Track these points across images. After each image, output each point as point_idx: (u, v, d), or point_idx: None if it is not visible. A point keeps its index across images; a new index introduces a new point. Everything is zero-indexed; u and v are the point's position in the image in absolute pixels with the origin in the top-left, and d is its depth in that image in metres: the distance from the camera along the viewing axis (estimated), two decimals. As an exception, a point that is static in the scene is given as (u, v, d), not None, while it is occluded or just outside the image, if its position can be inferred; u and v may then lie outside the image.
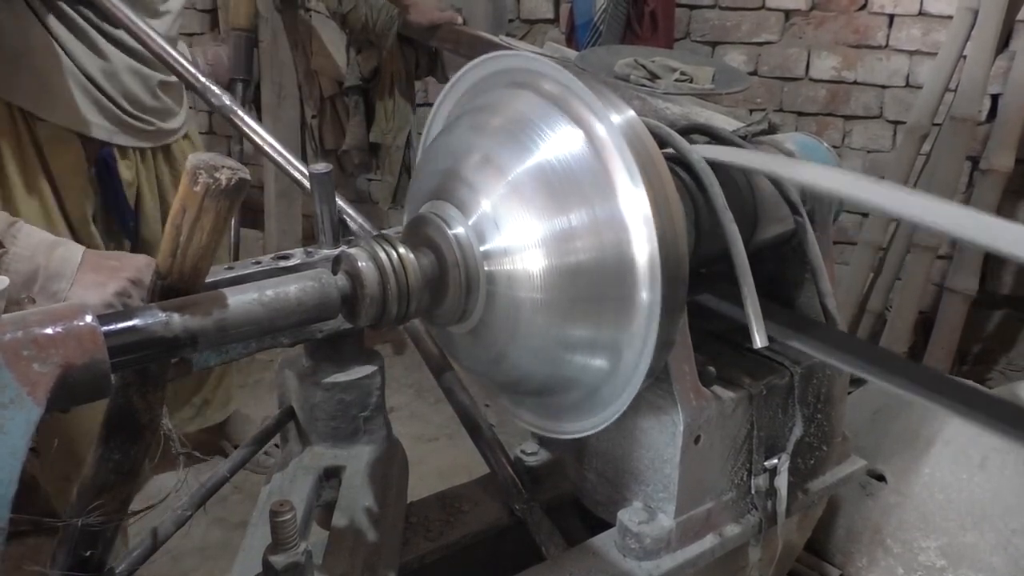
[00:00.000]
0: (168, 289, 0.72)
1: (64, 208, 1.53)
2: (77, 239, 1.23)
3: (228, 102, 1.31)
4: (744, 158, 0.89)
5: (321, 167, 0.80)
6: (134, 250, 1.69)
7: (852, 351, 0.86)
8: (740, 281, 0.86)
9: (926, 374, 0.80)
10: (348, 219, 1.13)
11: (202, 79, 1.31)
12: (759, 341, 0.85)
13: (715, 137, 1.03)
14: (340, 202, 1.02)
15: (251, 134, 1.30)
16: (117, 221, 1.65)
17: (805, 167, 0.82)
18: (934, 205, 0.66)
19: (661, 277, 0.71)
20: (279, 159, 1.27)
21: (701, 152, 0.91)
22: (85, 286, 0.98)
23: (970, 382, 1.66)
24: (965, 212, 0.64)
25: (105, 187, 1.61)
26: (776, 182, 0.99)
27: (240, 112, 1.31)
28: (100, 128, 1.56)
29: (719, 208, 0.88)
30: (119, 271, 0.99)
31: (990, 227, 0.62)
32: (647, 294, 0.72)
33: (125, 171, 1.63)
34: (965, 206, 0.69)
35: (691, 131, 1.05)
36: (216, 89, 1.30)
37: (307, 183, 0.95)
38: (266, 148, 1.27)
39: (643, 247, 0.72)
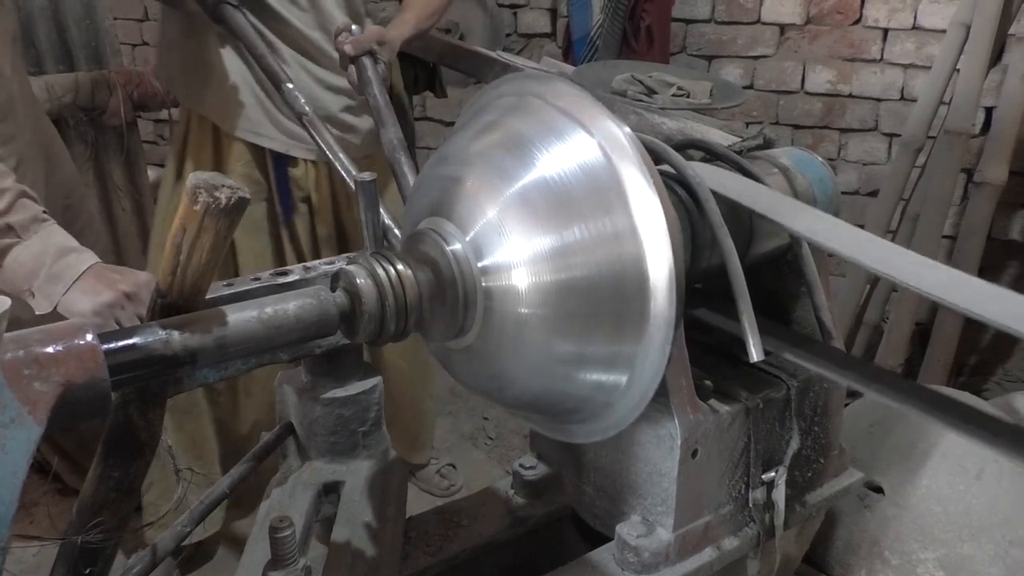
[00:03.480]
0: (168, 307, 0.72)
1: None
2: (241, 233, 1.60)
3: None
4: (735, 190, 0.90)
5: (367, 175, 0.81)
6: (292, 244, 1.86)
7: (847, 367, 0.86)
8: (736, 296, 0.87)
9: (919, 390, 0.80)
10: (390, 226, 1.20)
11: None
12: (755, 355, 0.85)
13: (710, 152, 1.04)
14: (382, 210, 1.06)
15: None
16: (280, 204, 1.81)
17: (793, 211, 0.83)
18: (908, 265, 0.68)
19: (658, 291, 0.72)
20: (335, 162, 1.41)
21: (696, 170, 0.92)
22: (81, 291, 0.98)
23: (965, 393, 1.67)
24: (949, 275, 0.65)
25: (278, 176, 1.79)
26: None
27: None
28: (276, 141, 1.76)
29: (715, 225, 0.89)
30: (117, 283, 0.99)
31: (977, 294, 0.64)
32: (652, 307, 0.73)
33: (295, 170, 1.81)
34: (952, 269, 0.70)
35: (687, 146, 1.06)
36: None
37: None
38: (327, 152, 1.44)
39: (650, 260, 0.72)
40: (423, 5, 1.78)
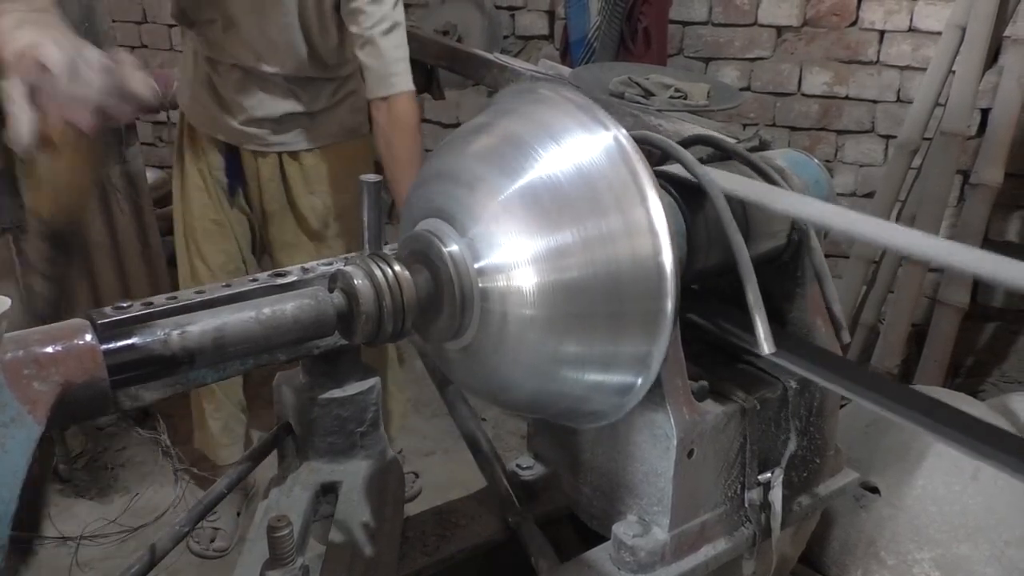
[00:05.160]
0: (52, 232, 0.73)
1: (206, 180, 2.12)
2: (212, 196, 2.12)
3: None
4: (737, 185, 0.90)
5: (372, 177, 0.82)
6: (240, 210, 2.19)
7: (839, 372, 0.87)
8: (746, 287, 0.87)
9: (915, 397, 0.81)
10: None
11: None
12: (767, 348, 0.85)
13: (717, 147, 1.04)
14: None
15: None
16: (226, 183, 2.14)
17: (788, 197, 0.84)
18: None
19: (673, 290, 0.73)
20: None
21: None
22: None
23: (960, 395, 1.68)
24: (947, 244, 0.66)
25: (227, 160, 2.11)
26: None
27: None
28: (224, 134, 2.06)
29: (725, 220, 0.89)
30: None
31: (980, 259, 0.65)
32: (670, 305, 0.74)
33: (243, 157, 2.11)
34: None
35: (694, 143, 1.06)
36: None
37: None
38: None
39: (665, 258, 0.74)
40: (403, 178, 1.96)
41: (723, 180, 0.91)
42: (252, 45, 1.94)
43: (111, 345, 0.65)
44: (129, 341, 0.67)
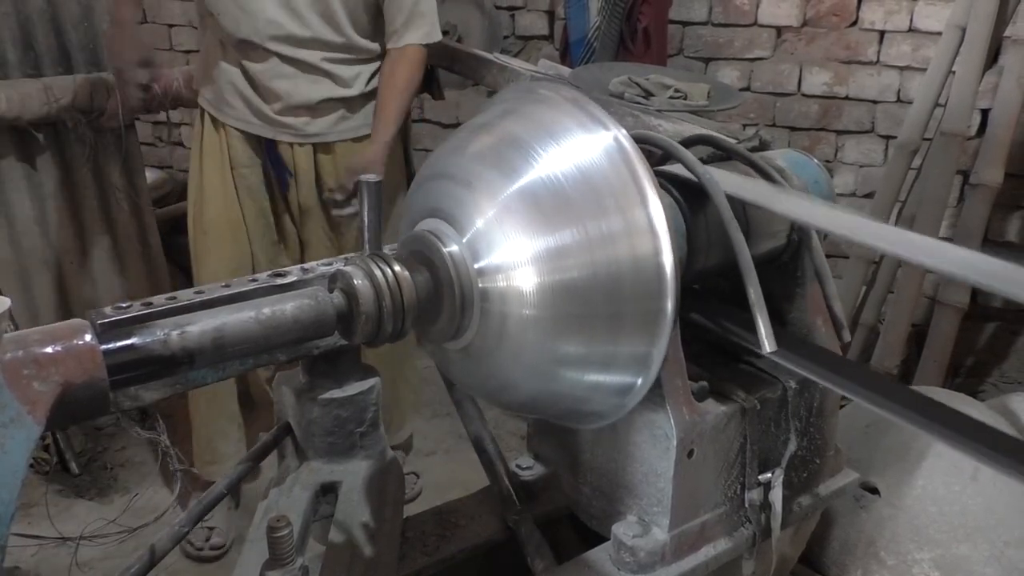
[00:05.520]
0: None
1: (236, 183, 2.09)
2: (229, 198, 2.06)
3: None
4: (737, 185, 0.90)
5: (372, 177, 0.82)
6: (287, 209, 2.18)
7: (840, 372, 0.87)
8: (747, 286, 0.87)
9: (914, 397, 0.81)
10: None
11: None
12: (768, 346, 0.85)
13: (718, 147, 1.04)
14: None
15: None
16: (275, 176, 2.12)
17: (789, 199, 0.84)
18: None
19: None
20: None
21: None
22: None
23: (960, 395, 1.67)
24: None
25: (269, 154, 2.09)
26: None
27: None
28: (262, 128, 2.04)
29: (726, 219, 0.89)
30: None
31: (957, 257, 0.64)
32: (669, 305, 0.74)
33: (281, 148, 2.09)
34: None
35: (694, 142, 1.06)
36: None
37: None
38: None
39: (665, 258, 0.74)
40: (392, 101, 2.01)
41: (724, 180, 0.91)
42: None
43: (111, 345, 0.65)
44: (129, 341, 0.67)
